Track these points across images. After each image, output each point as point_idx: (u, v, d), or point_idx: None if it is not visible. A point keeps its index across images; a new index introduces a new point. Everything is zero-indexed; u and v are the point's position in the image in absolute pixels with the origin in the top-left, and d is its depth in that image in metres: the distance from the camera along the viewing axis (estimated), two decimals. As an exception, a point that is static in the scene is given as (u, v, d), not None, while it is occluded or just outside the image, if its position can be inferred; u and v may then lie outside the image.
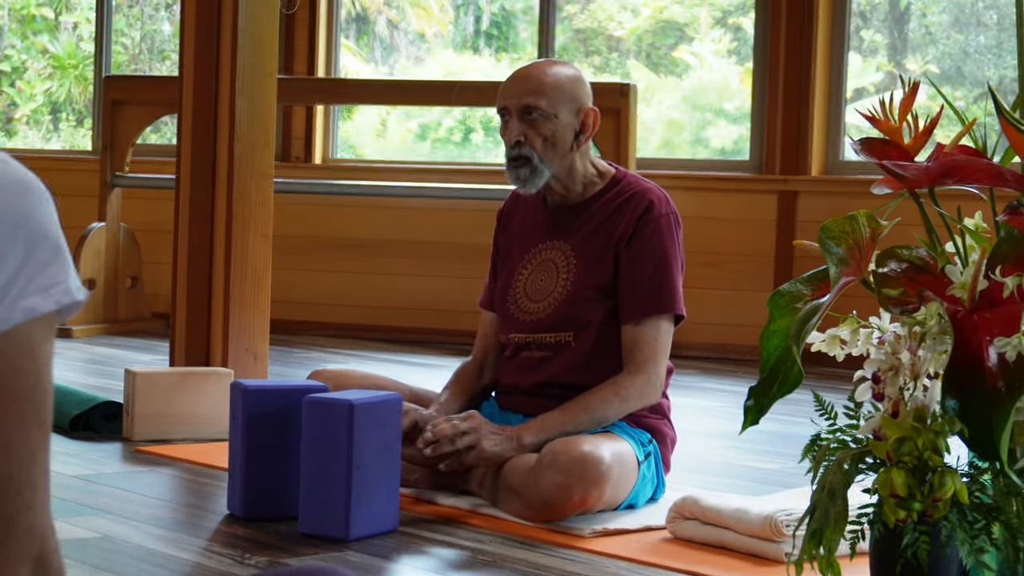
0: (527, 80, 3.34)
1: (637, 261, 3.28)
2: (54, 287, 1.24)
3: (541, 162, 3.32)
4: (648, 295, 3.27)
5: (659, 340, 3.27)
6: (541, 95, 3.31)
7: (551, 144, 3.32)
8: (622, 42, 8.00)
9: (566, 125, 3.33)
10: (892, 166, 2.32)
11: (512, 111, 3.34)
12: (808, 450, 2.37)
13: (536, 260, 3.42)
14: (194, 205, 4.45)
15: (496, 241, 3.55)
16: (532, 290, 3.39)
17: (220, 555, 2.81)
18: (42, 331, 1.24)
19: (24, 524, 1.24)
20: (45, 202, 1.26)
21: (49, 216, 1.25)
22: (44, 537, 1.26)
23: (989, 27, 6.95)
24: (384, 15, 8.63)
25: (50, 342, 1.25)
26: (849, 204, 3.23)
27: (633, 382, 3.24)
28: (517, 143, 3.32)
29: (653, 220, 3.30)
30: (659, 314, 3.27)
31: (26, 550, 1.24)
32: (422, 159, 8.03)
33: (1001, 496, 2.23)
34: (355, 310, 7.12)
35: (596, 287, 3.31)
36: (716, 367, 6.21)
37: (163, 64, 8.74)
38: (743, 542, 2.90)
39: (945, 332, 2.27)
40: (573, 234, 3.38)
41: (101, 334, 6.69)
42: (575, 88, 3.35)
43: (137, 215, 7.23)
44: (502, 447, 3.19)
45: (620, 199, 3.34)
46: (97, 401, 4.17)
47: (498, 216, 3.57)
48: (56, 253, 1.25)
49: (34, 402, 1.25)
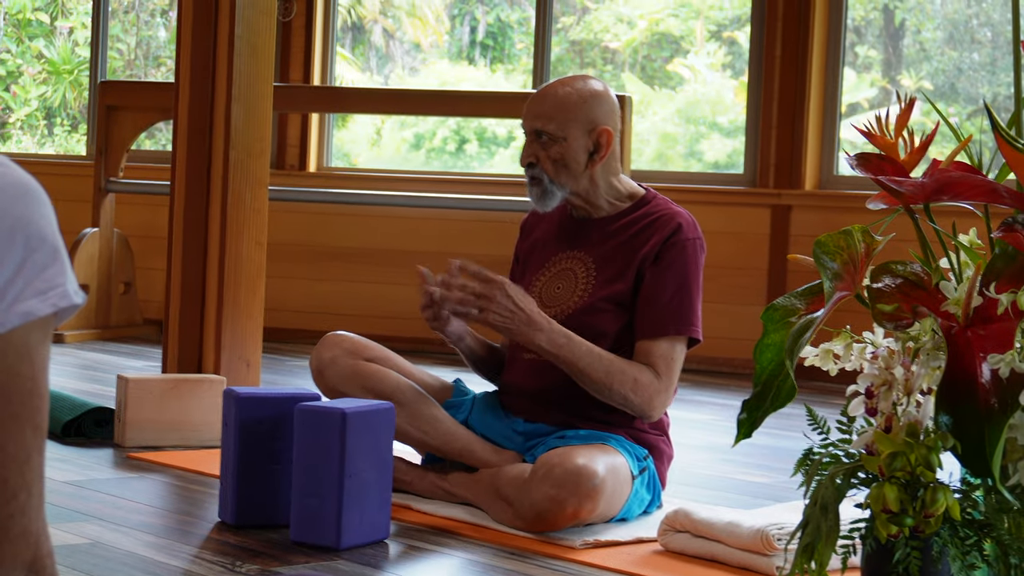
0: (541, 102, 3.35)
1: (660, 280, 3.28)
2: (52, 290, 1.24)
3: (551, 183, 3.34)
4: (667, 314, 3.27)
5: (674, 359, 3.28)
6: (549, 119, 3.32)
7: (562, 166, 3.33)
8: (617, 54, 8.01)
9: (578, 146, 3.33)
10: (888, 181, 2.32)
11: (527, 132, 3.37)
12: (801, 464, 2.37)
13: (555, 268, 3.42)
14: (188, 211, 4.45)
15: (517, 252, 3.57)
16: (548, 296, 3.39)
17: (211, 563, 2.81)
18: (39, 335, 1.24)
19: (18, 528, 1.24)
20: (43, 205, 1.26)
21: (47, 219, 1.25)
22: (38, 542, 1.25)
23: (983, 44, 6.96)
24: (380, 24, 8.63)
25: (46, 346, 1.25)
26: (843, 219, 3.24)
27: (652, 384, 3.23)
28: (530, 164, 3.35)
29: (680, 243, 3.30)
30: (676, 334, 3.28)
31: (19, 555, 1.24)
32: (416, 168, 8.04)
33: (993, 512, 2.24)
34: (348, 319, 7.12)
35: (613, 299, 3.31)
36: (709, 380, 6.21)
37: (158, 70, 8.74)
38: (734, 555, 2.90)
39: (939, 348, 2.27)
40: (596, 246, 3.38)
41: (93, 340, 6.69)
42: (590, 108, 3.34)
43: (131, 221, 7.22)
44: (507, 325, 3.19)
45: (649, 219, 3.35)
46: (89, 407, 4.16)
47: (521, 227, 3.60)
48: (54, 256, 1.25)
49: (30, 406, 1.24)
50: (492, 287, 3.18)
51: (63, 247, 1.26)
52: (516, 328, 3.18)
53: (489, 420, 3.42)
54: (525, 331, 3.19)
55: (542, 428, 3.35)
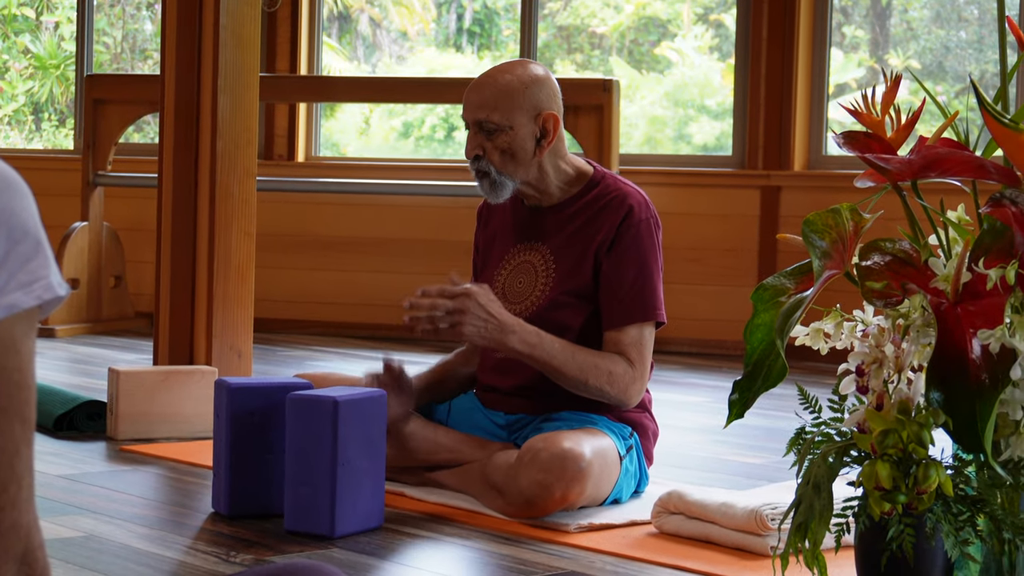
0: (480, 91, 3.26)
1: (619, 268, 3.26)
2: (36, 283, 1.23)
3: (500, 175, 3.27)
4: (631, 302, 3.25)
5: (644, 344, 3.26)
6: (493, 108, 3.24)
7: (509, 155, 3.26)
8: (604, 39, 8.00)
9: (525, 134, 3.26)
10: (875, 159, 2.32)
11: (469, 124, 3.30)
12: (793, 443, 2.38)
13: (514, 261, 3.39)
14: (177, 203, 4.44)
15: (476, 241, 3.53)
16: (511, 292, 3.36)
17: (205, 553, 2.81)
18: (23, 327, 1.24)
19: (8, 522, 1.23)
20: (24, 198, 1.25)
21: (29, 212, 1.24)
22: (29, 535, 1.25)
23: (970, 23, 6.96)
24: (367, 13, 8.62)
25: (32, 338, 1.24)
26: (832, 199, 3.23)
27: (627, 373, 3.22)
28: (476, 157, 3.28)
29: (634, 225, 3.26)
30: (642, 321, 3.26)
31: (10, 548, 1.23)
32: (405, 157, 8.03)
33: (985, 488, 2.24)
34: (339, 308, 7.11)
35: (575, 292, 3.28)
36: (700, 363, 6.21)
37: (145, 63, 8.73)
38: (728, 536, 2.90)
39: (929, 324, 2.27)
40: (551, 236, 3.35)
41: (84, 334, 6.68)
42: (532, 93, 3.26)
43: (120, 214, 7.21)
44: (481, 335, 3.13)
45: (600, 203, 3.30)
46: (81, 400, 4.16)
47: (478, 214, 3.55)
48: (37, 248, 1.24)
49: (17, 399, 1.24)
50: (463, 300, 3.12)
51: (46, 239, 1.26)
52: (490, 336, 3.13)
53: (470, 418, 3.41)
54: (499, 337, 3.14)
55: (524, 418, 3.34)
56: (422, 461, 3.36)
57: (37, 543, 1.26)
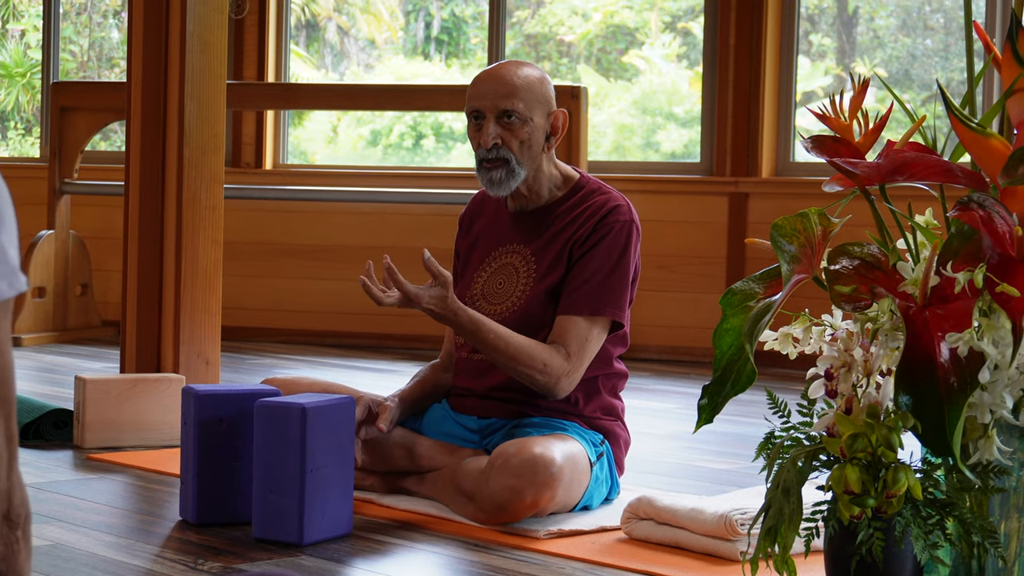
0: (501, 83, 3.30)
1: (587, 261, 3.26)
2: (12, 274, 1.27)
3: (518, 164, 3.30)
4: (587, 292, 3.25)
5: (590, 339, 3.24)
6: (517, 98, 3.29)
7: (527, 146, 3.30)
8: (572, 47, 8.01)
9: (539, 127, 3.32)
10: (843, 163, 2.33)
11: (487, 114, 3.31)
12: (762, 448, 2.38)
13: (496, 263, 3.40)
14: (144, 211, 4.42)
15: (457, 248, 3.53)
16: (490, 292, 3.37)
17: (173, 561, 2.79)
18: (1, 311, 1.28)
19: None
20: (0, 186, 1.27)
21: (7, 202, 1.26)
22: (10, 496, 1.33)
23: (936, 31, 6.99)
24: (334, 21, 8.60)
25: (8, 320, 1.28)
26: (800, 205, 3.24)
27: (562, 367, 3.21)
28: (495, 145, 3.30)
29: (611, 224, 3.28)
30: (594, 314, 3.25)
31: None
32: (373, 164, 8.02)
33: (954, 491, 2.24)
34: (306, 316, 7.10)
35: (552, 291, 3.30)
36: (669, 369, 6.22)
37: (112, 72, 8.69)
38: (698, 541, 2.90)
39: (897, 328, 2.27)
40: (535, 239, 3.36)
41: (51, 342, 6.64)
42: (545, 90, 3.33)
43: (86, 222, 7.18)
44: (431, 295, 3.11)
45: (583, 205, 3.33)
46: (47, 409, 4.13)
47: (460, 221, 3.55)
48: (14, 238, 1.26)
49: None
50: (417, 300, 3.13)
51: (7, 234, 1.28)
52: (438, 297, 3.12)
53: (442, 426, 3.40)
54: (448, 304, 3.13)
55: (496, 423, 3.34)
56: (393, 467, 3.35)
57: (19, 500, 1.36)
